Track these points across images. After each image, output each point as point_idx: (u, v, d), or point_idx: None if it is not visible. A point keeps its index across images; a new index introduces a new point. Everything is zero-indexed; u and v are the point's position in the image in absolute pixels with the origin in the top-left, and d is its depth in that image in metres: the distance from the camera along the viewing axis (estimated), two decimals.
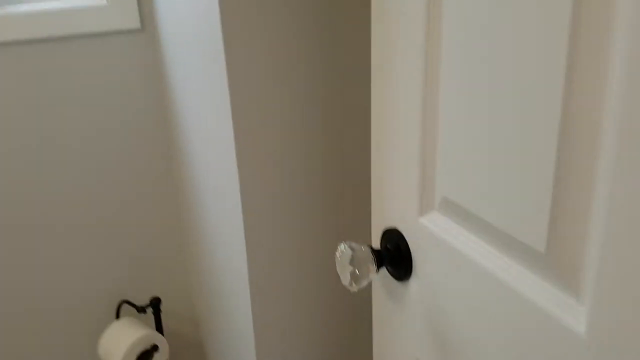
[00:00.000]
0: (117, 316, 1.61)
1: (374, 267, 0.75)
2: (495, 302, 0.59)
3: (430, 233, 0.69)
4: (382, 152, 0.77)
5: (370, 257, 0.75)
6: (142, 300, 1.67)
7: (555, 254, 0.51)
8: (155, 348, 1.52)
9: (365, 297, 1.21)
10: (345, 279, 0.76)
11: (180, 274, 1.70)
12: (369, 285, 0.90)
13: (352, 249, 0.75)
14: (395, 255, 0.76)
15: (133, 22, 1.41)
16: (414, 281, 0.75)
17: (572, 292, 0.50)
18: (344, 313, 1.19)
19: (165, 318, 1.71)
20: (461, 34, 0.58)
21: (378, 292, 0.86)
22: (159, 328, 1.60)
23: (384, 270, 0.81)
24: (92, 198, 1.53)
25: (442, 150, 0.65)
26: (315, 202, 1.08)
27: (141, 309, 1.58)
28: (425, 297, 0.73)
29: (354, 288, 0.75)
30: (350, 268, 0.75)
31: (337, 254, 0.77)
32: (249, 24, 0.93)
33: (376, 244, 0.84)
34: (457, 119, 0.61)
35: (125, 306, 1.65)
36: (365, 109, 1.07)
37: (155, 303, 1.59)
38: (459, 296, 0.66)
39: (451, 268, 0.66)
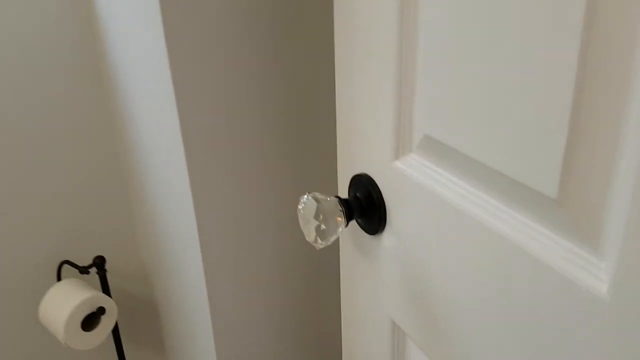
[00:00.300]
0: (58, 278, 1.48)
1: (342, 219, 0.65)
2: (490, 259, 0.50)
3: (407, 178, 0.60)
4: (349, 86, 0.66)
5: (337, 208, 0.65)
6: (85, 259, 1.54)
7: (570, 199, 0.42)
8: (101, 311, 1.41)
9: (332, 252, 1.13)
10: (310, 235, 0.66)
11: (126, 230, 1.58)
12: (336, 240, 0.80)
13: (316, 200, 0.64)
14: (366, 205, 0.67)
15: None
16: (388, 234, 0.66)
17: (591, 246, 0.41)
18: (307, 268, 1.11)
19: (112, 278, 1.59)
20: None
21: (346, 249, 0.76)
22: (105, 289, 1.48)
23: (353, 224, 0.71)
24: (27, 151, 1.37)
25: (423, 78, 0.54)
26: (269, 148, 0.97)
27: (84, 270, 1.46)
28: (401, 252, 0.64)
29: (320, 245, 0.65)
30: (316, 222, 0.65)
31: (300, 206, 0.67)
32: None
33: (343, 193, 0.74)
34: (443, 35, 0.50)
35: (66, 267, 1.52)
36: (330, 37, 0.95)
37: (99, 262, 1.46)
38: (443, 251, 0.57)
39: (433, 218, 0.57)
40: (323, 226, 0.64)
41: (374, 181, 0.66)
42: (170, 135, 0.95)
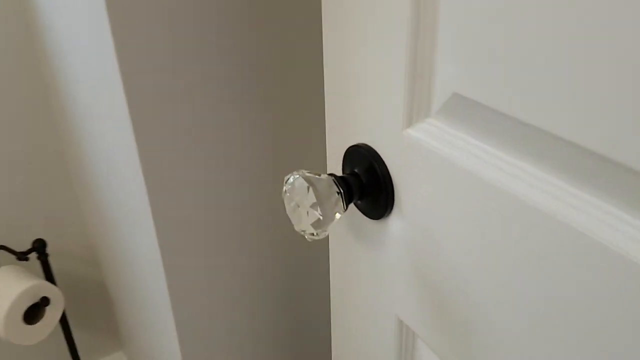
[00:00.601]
0: None
1: (341, 203, 0.52)
2: (557, 258, 0.38)
3: (424, 150, 0.47)
4: (341, 27, 0.52)
5: (334, 189, 0.52)
6: (23, 244, 1.37)
7: None
8: (45, 301, 1.25)
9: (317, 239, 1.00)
10: (300, 224, 0.53)
11: (69, 209, 1.40)
12: None
13: (307, 179, 0.51)
14: (368, 184, 0.54)
15: None
16: (396, 218, 0.53)
17: None
18: (286, 255, 0.98)
19: (55, 263, 1.42)
20: None
21: (338, 236, 0.64)
22: (49, 276, 1.32)
23: (350, 206, 0.59)
24: None
25: (455, 7, 0.41)
26: (239, 115, 0.82)
27: (22, 256, 1.29)
28: (414, 240, 0.52)
29: (315, 236, 0.52)
30: (307, 207, 0.52)
31: (285, 188, 0.53)
32: None
33: (334, 169, 0.60)
34: None
35: (2, 253, 1.34)
36: None
37: (40, 246, 1.29)
38: (474, 241, 0.45)
39: (462, 200, 0.45)
40: (317, 212, 0.51)
41: (377, 153, 0.53)
42: (116, 104, 0.79)
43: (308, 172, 0.52)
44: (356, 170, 0.55)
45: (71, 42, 0.93)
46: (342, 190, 0.52)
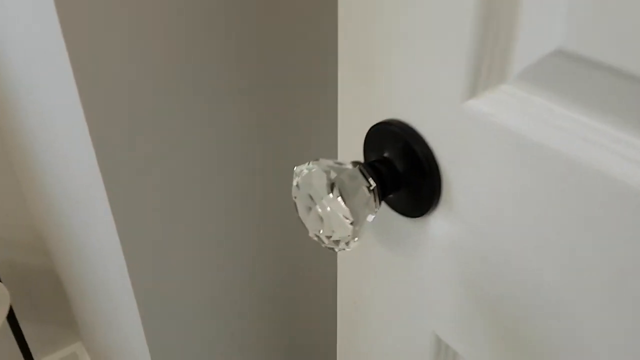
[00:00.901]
0: None
1: (373, 200, 0.39)
2: None
3: (495, 127, 0.34)
4: None
5: (362, 182, 0.39)
6: None
7: None
8: None
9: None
10: (322, 231, 0.40)
11: (13, 195, 1.23)
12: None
13: (326, 170, 0.38)
14: (405, 172, 0.41)
15: None
16: (441, 216, 0.41)
17: None
18: (267, 241, 0.84)
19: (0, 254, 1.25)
20: None
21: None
22: None
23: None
24: None
25: None
26: (221, 92, 0.68)
27: None
28: (465, 242, 0.40)
29: (338, 245, 0.39)
30: (327, 209, 0.39)
31: (296, 181, 0.40)
32: None
33: (352, 155, 0.47)
34: None
35: None
36: None
37: None
38: (558, 247, 0.33)
39: (552, 193, 0.33)
40: (344, 215, 0.38)
41: (415, 131, 0.40)
42: (63, 84, 0.63)
43: (327, 161, 0.39)
44: (386, 155, 0.42)
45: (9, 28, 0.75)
46: (374, 184, 0.39)
